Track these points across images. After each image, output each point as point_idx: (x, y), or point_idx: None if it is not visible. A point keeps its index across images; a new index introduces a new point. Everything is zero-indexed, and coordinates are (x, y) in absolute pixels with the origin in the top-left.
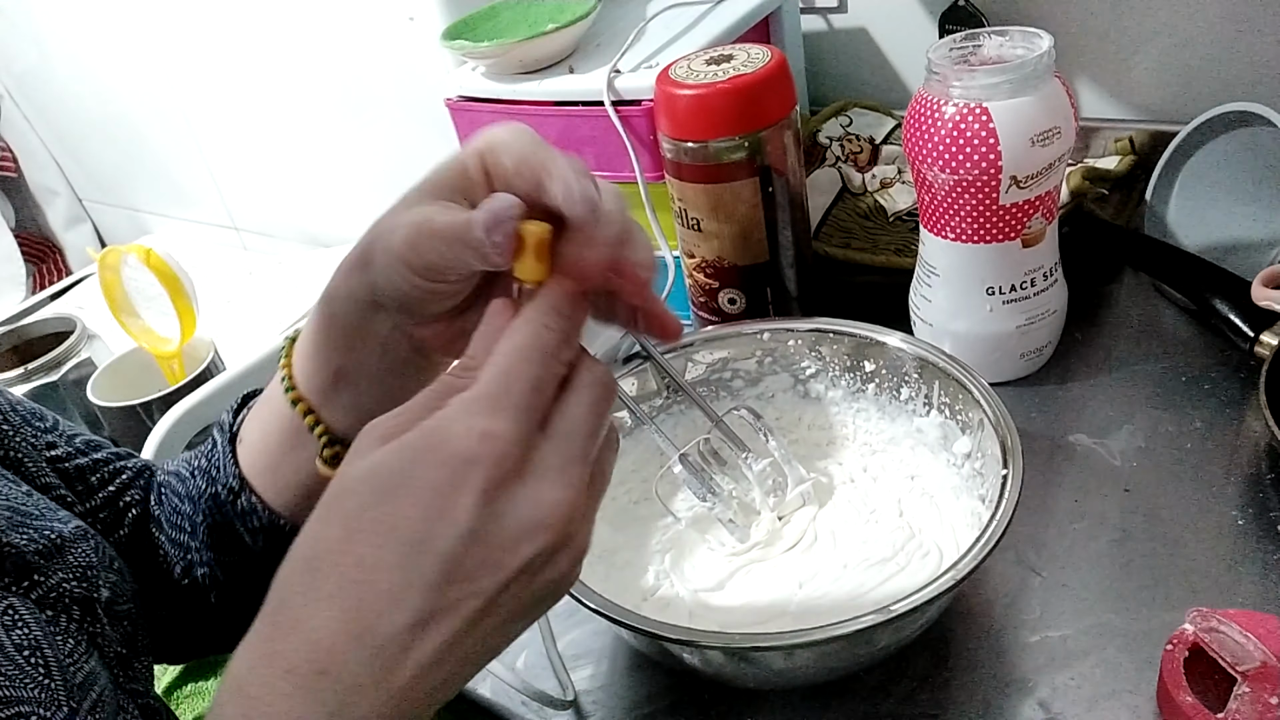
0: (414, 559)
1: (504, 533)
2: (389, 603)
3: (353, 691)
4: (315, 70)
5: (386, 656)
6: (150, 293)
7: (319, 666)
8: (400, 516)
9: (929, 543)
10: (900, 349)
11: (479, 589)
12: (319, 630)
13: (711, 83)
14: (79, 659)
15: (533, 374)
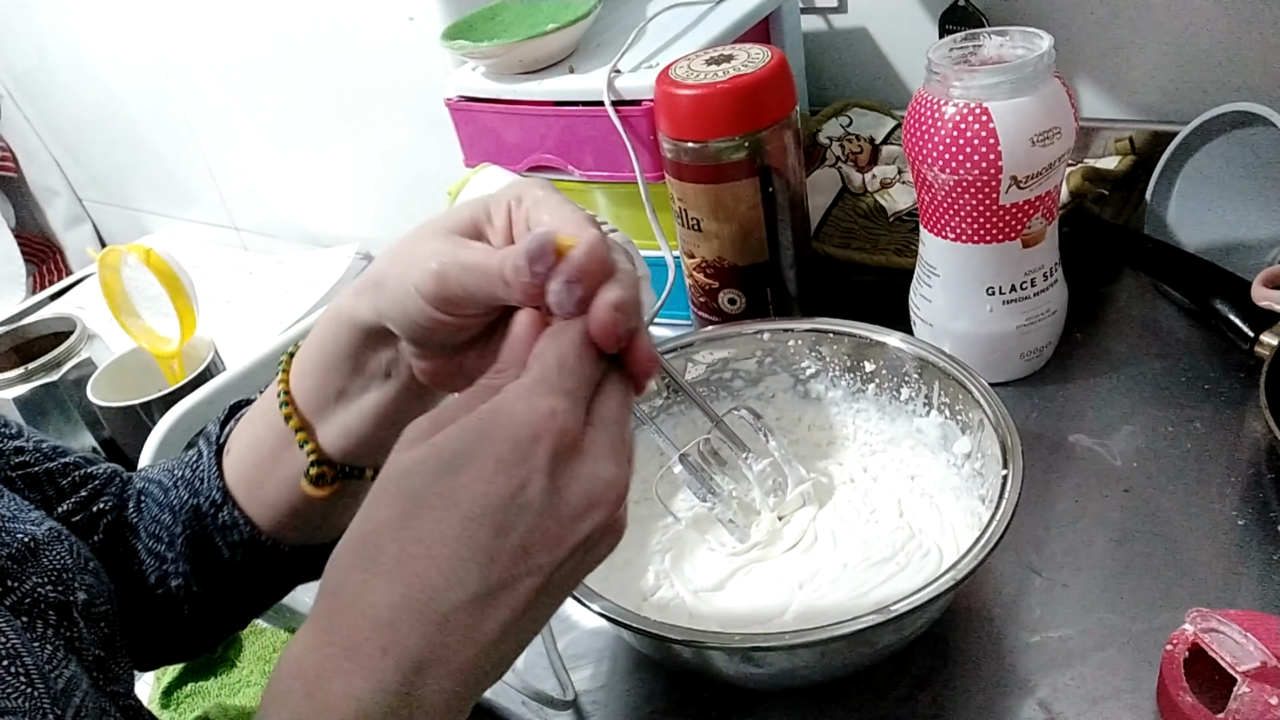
0: (474, 531)
1: (567, 508)
2: (450, 577)
3: (416, 671)
4: (315, 70)
5: (449, 632)
6: (150, 293)
7: (380, 644)
8: (464, 491)
9: (929, 543)
10: (900, 349)
11: (538, 564)
12: (379, 607)
13: (711, 83)
14: (58, 665)
15: (583, 368)
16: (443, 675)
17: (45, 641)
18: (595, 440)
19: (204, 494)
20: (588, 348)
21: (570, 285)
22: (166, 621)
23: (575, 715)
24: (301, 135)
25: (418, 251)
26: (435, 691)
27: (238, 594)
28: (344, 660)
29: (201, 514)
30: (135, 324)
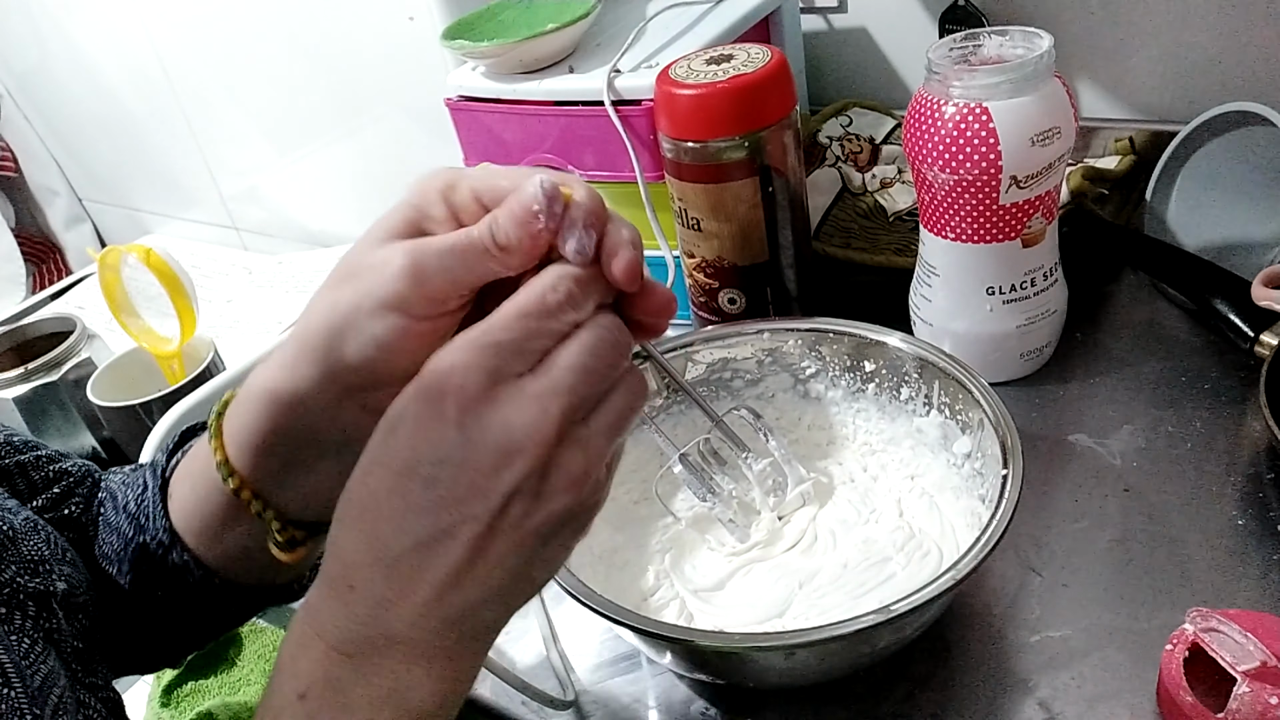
0: (406, 485)
1: (480, 458)
2: (394, 526)
3: (379, 605)
4: (315, 70)
5: (402, 573)
6: (150, 293)
7: (349, 581)
8: (396, 450)
9: (929, 543)
10: (900, 349)
11: (473, 514)
12: (346, 550)
13: (711, 82)
14: (36, 660)
15: (520, 324)
16: (405, 612)
17: (24, 634)
18: (519, 388)
19: (150, 534)
20: (545, 306)
21: (587, 229)
22: (126, 631)
23: (575, 715)
24: (301, 135)
25: (363, 277)
26: (406, 626)
27: (190, 621)
28: (327, 596)
29: (149, 553)
30: (135, 324)
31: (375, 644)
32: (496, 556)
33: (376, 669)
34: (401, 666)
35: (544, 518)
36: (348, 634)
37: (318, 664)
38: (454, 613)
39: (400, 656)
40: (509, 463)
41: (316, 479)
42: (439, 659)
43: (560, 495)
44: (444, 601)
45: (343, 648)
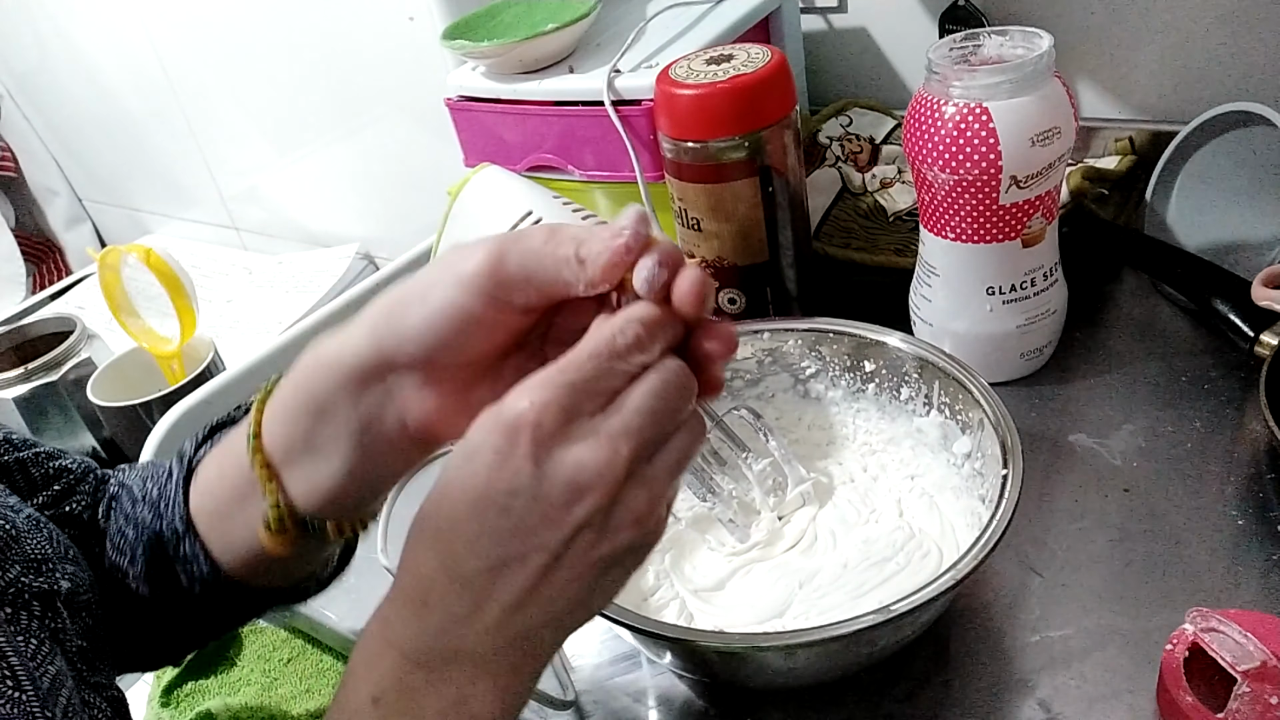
0: (482, 511)
1: (553, 491)
2: (469, 549)
3: (451, 620)
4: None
5: (474, 593)
6: (150, 293)
7: (423, 597)
8: (471, 477)
9: (929, 543)
10: (900, 349)
11: (542, 543)
12: (422, 567)
13: (711, 83)
14: (44, 660)
15: (592, 365)
16: (475, 630)
17: (30, 634)
18: (592, 426)
19: (167, 520)
20: (614, 349)
21: (660, 266)
22: (129, 628)
23: (575, 715)
24: (301, 135)
25: (447, 260)
26: (474, 642)
27: (196, 618)
28: (401, 608)
29: (163, 541)
30: (135, 324)
31: (445, 656)
32: (561, 584)
33: (445, 679)
34: (467, 679)
35: (607, 551)
36: (420, 645)
37: (391, 672)
38: (518, 632)
39: (467, 669)
40: (579, 498)
41: (324, 469)
42: (501, 674)
43: (624, 531)
44: (510, 621)
45: (415, 657)
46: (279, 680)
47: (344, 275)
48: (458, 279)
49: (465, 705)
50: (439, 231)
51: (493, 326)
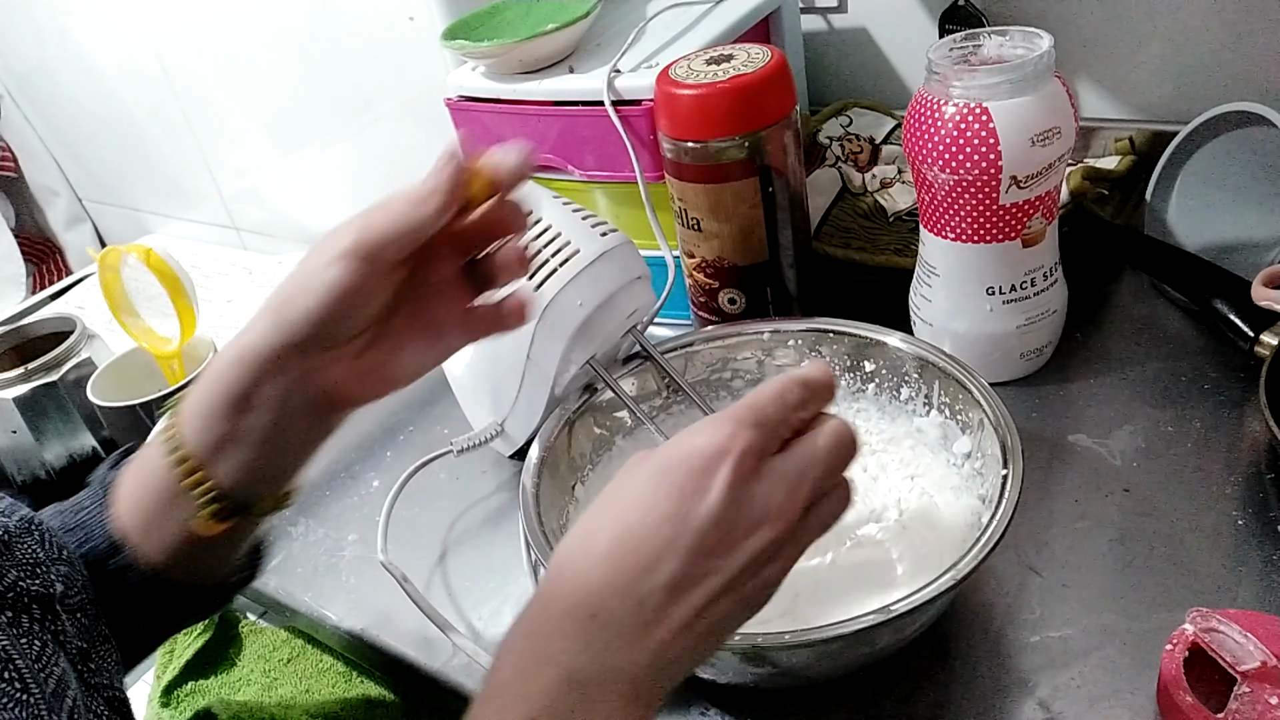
0: (673, 529)
1: (743, 520)
2: (651, 564)
3: (618, 637)
4: (315, 70)
5: (647, 611)
6: (150, 293)
7: (591, 611)
8: (664, 496)
9: (929, 543)
10: (900, 349)
11: (722, 566)
12: (593, 582)
13: (711, 83)
14: (47, 663)
15: (774, 409)
16: (640, 648)
17: (33, 637)
18: (779, 467)
19: (93, 542)
20: (787, 400)
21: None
22: None
23: None
24: (301, 135)
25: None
26: (633, 664)
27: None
28: (560, 621)
29: (94, 561)
30: (135, 324)
31: (603, 679)
32: (723, 611)
33: (599, 706)
34: (618, 703)
35: (761, 583)
36: (580, 665)
37: (547, 692)
38: (677, 654)
39: (623, 691)
40: (759, 529)
41: (250, 455)
42: (643, 698)
43: (779, 567)
44: (674, 643)
45: (574, 676)
46: (279, 680)
47: None
48: (335, 258)
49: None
50: None
51: (371, 292)
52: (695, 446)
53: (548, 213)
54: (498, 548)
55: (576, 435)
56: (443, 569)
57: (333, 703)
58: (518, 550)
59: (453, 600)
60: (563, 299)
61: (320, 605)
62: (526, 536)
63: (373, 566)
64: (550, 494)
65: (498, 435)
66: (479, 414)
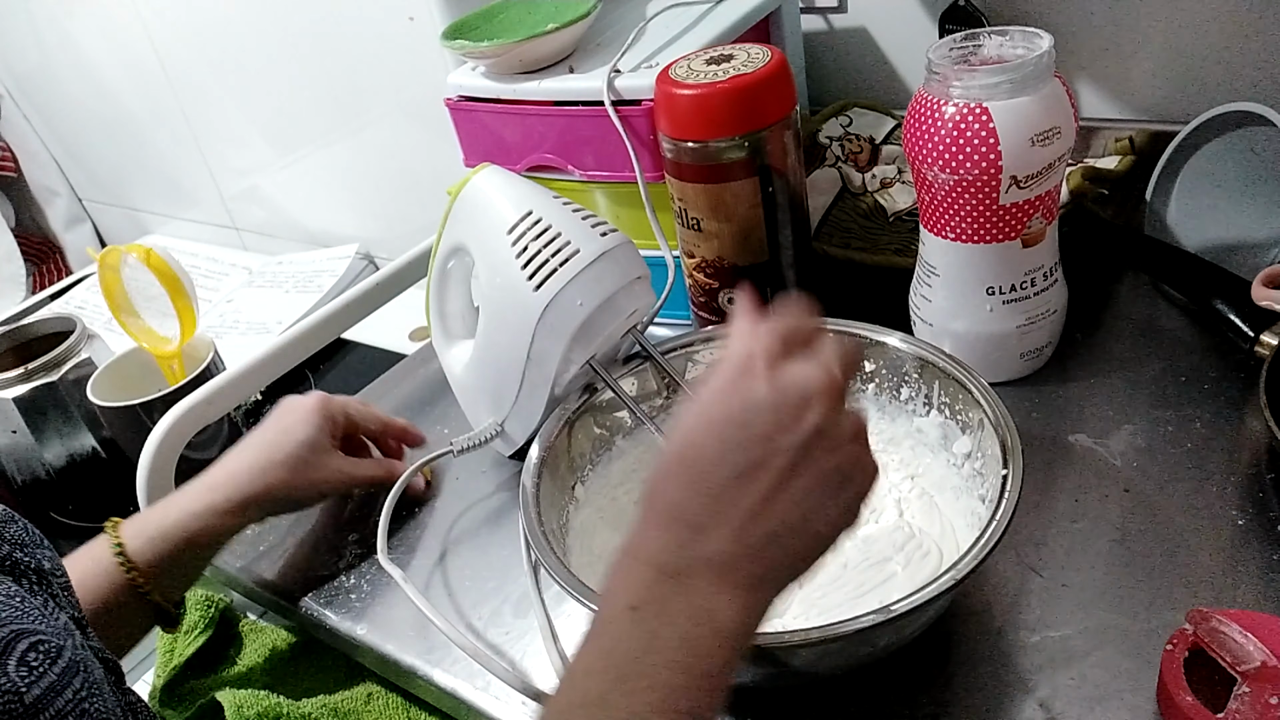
0: (725, 431)
1: (787, 401)
2: (715, 464)
3: (698, 531)
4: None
5: (720, 502)
6: (150, 293)
7: (674, 515)
8: (713, 407)
9: (929, 543)
10: (900, 349)
11: (782, 447)
12: (671, 495)
13: (711, 83)
14: (52, 611)
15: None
16: (720, 536)
17: (34, 594)
18: (805, 356)
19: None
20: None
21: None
22: None
23: None
24: (301, 135)
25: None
26: (716, 550)
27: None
28: (652, 528)
29: None
30: (135, 324)
31: (693, 566)
32: (798, 491)
33: (692, 588)
34: (712, 588)
35: (836, 461)
36: (670, 557)
37: (644, 583)
38: (757, 539)
39: (711, 579)
40: (809, 404)
41: (193, 574)
42: (741, 586)
43: (848, 444)
44: (750, 528)
45: (664, 568)
46: (279, 679)
47: (344, 275)
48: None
49: (711, 614)
50: (439, 231)
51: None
52: (726, 362)
53: (547, 213)
54: (497, 548)
55: (576, 435)
56: (443, 569)
57: (334, 699)
58: (518, 550)
59: (453, 600)
60: (563, 299)
61: (320, 605)
62: (526, 536)
63: (373, 566)
64: (550, 494)
65: (498, 435)
66: (479, 414)
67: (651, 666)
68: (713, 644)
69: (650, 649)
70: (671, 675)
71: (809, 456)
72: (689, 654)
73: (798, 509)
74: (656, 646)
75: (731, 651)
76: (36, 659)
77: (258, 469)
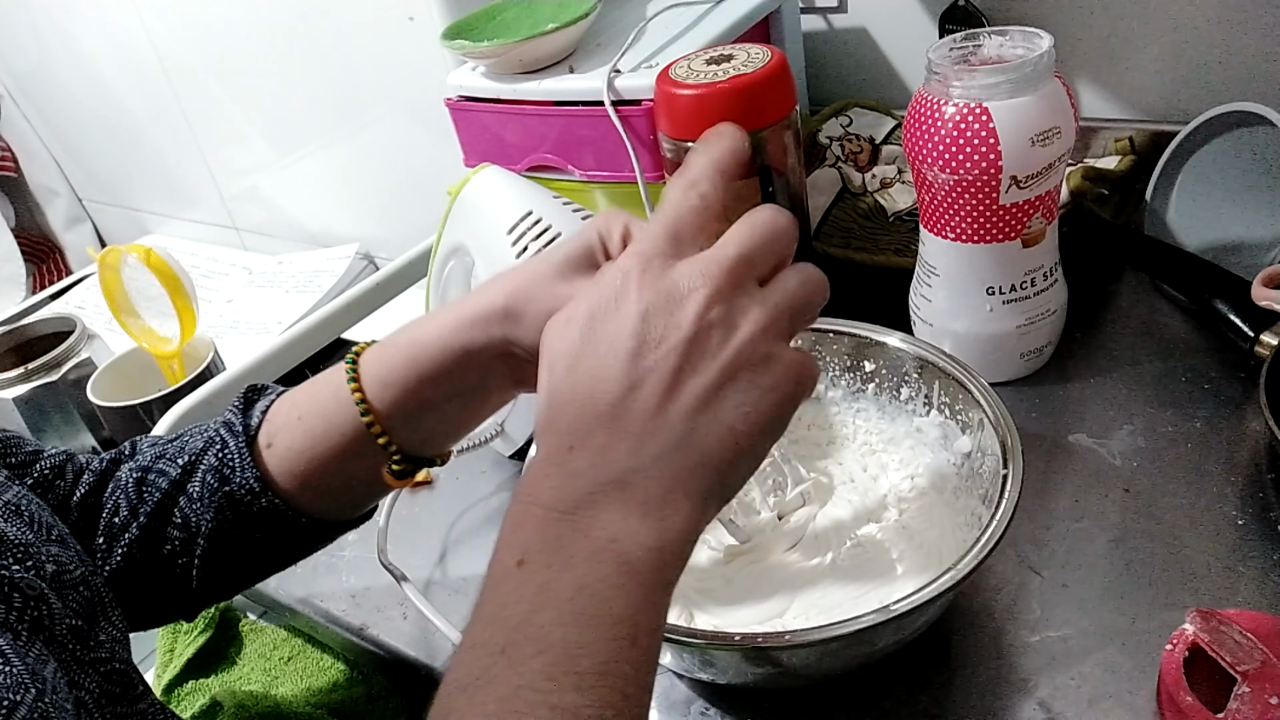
0: (610, 346)
1: (667, 298)
2: (605, 380)
3: (597, 453)
4: (315, 70)
5: (616, 416)
6: (150, 293)
7: (568, 444)
8: (581, 313)
9: (929, 543)
10: (900, 349)
11: (670, 345)
12: (562, 422)
13: (711, 83)
14: (24, 645)
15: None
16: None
17: (6, 627)
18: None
19: (237, 483)
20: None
21: None
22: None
23: None
24: (301, 135)
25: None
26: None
27: (253, 566)
28: (545, 465)
29: (236, 500)
30: (135, 324)
31: (594, 496)
32: (698, 386)
33: (594, 521)
34: (618, 515)
35: (735, 350)
36: (566, 493)
37: (535, 528)
38: (658, 449)
39: (617, 505)
40: (692, 294)
41: (439, 419)
42: (653, 506)
43: (743, 332)
44: (648, 439)
45: (560, 506)
46: (279, 679)
47: (344, 275)
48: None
49: (618, 545)
50: (439, 231)
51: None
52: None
53: (547, 213)
54: None
55: None
56: (443, 569)
57: (334, 699)
58: None
59: (453, 600)
60: None
61: (320, 605)
62: None
63: (373, 566)
64: None
65: (498, 435)
66: None
67: (541, 628)
68: (621, 581)
69: (540, 605)
70: (568, 632)
71: (702, 348)
72: (590, 601)
73: (702, 406)
74: (548, 600)
75: (648, 586)
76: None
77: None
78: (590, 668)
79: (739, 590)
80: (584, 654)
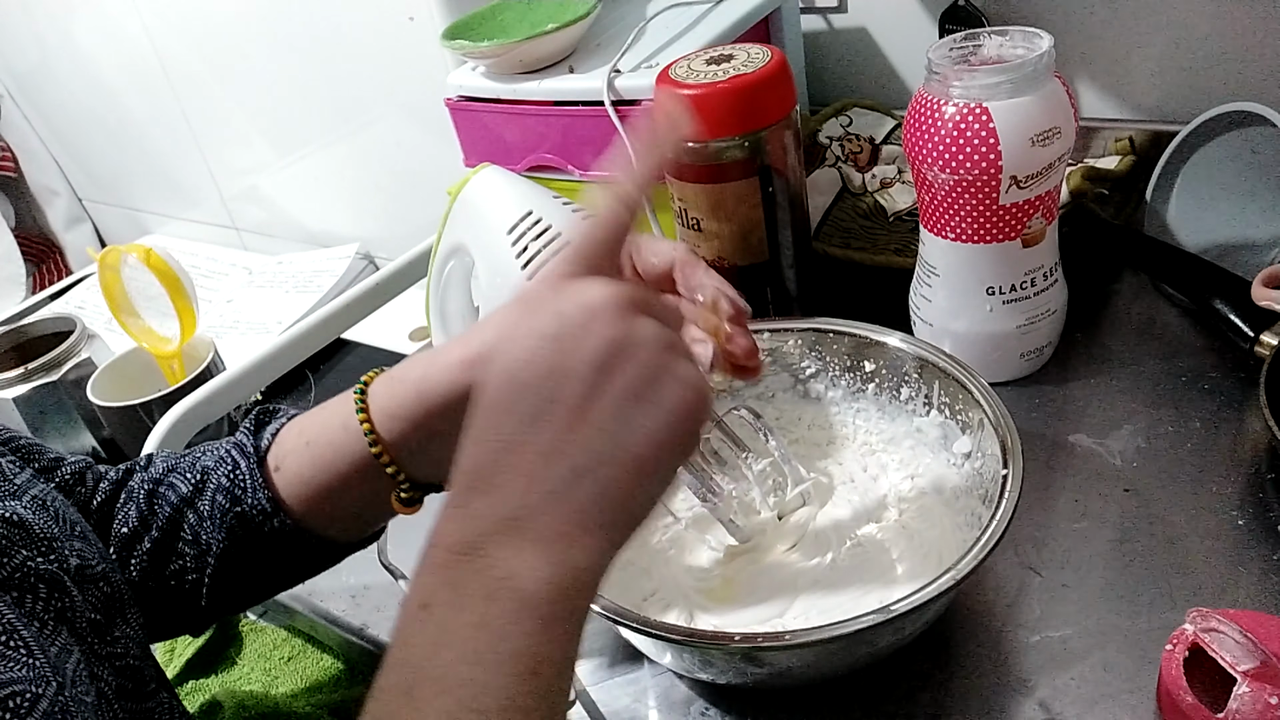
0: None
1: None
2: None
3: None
4: (315, 70)
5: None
6: (150, 293)
7: (470, 484)
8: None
9: (929, 543)
10: (900, 349)
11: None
12: (467, 460)
13: (711, 83)
14: (49, 636)
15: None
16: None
17: (34, 617)
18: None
19: (249, 504)
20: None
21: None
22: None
23: (575, 715)
24: (301, 135)
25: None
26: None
27: (261, 584)
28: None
29: (248, 521)
30: (135, 324)
31: (489, 535)
32: (601, 414)
33: (490, 561)
34: (513, 553)
35: (640, 370)
36: (465, 533)
37: (437, 571)
38: (554, 484)
39: (513, 542)
40: (594, 321)
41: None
42: (549, 541)
43: (653, 350)
44: (545, 473)
45: (458, 549)
46: (279, 679)
47: (344, 275)
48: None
49: (513, 584)
50: (439, 231)
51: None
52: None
53: (547, 213)
54: None
55: None
56: None
57: (334, 699)
58: None
59: None
60: None
61: (320, 605)
62: None
63: (373, 566)
64: None
65: None
66: None
67: (442, 666)
68: (518, 616)
69: (442, 645)
70: (470, 670)
71: (606, 374)
72: (489, 639)
73: (604, 434)
74: (449, 640)
75: (547, 619)
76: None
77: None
78: (493, 705)
79: (739, 590)
80: (485, 692)
